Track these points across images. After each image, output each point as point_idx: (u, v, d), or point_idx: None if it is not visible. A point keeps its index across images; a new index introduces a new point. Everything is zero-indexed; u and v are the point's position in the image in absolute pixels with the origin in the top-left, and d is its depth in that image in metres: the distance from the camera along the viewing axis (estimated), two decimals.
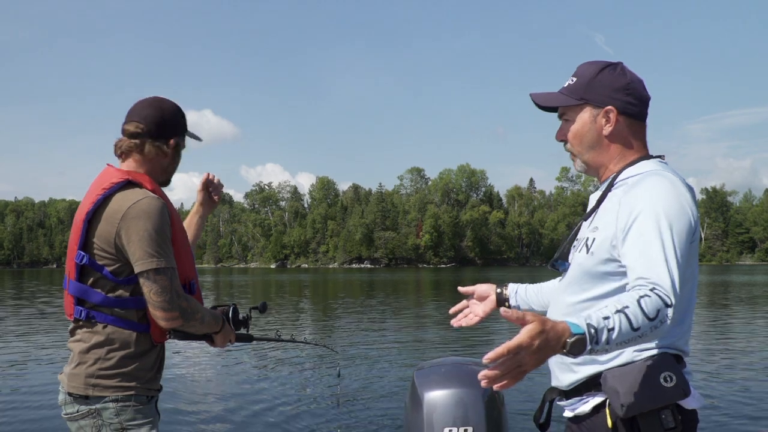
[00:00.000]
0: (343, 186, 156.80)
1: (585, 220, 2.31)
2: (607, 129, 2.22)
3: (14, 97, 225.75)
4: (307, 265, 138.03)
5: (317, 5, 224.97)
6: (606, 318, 1.76)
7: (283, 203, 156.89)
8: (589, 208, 2.36)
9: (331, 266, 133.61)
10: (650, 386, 1.99)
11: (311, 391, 9.36)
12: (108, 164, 2.76)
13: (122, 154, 2.74)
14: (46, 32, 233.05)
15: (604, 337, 1.73)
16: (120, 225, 2.51)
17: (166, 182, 2.87)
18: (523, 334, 1.63)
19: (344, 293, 36.46)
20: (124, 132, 2.73)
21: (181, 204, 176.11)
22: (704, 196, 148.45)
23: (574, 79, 2.28)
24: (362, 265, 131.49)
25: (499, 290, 2.84)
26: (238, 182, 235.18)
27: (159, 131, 2.73)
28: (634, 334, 1.78)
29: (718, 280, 51.24)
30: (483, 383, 1.66)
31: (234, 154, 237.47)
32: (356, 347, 13.97)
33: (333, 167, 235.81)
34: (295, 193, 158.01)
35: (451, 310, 2.90)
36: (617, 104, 2.21)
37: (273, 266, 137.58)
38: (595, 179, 2.43)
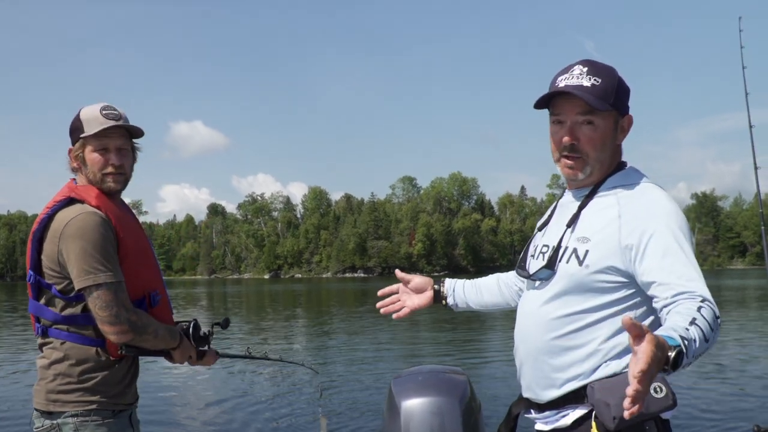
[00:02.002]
0: (335, 196, 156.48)
1: (569, 227, 2.21)
2: (621, 138, 2.21)
3: (5, 108, 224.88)
4: (300, 275, 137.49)
5: (306, 15, 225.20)
6: (687, 329, 1.69)
7: (275, 214, 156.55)
8: (556, 215, 2.32)
9: (324, 276, 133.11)
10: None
11: (290, 402, 9.40)
12: (71, 178, 2.79)
13: None
14: (39, 43, 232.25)
15: (692, 349, 1.65)
16: (59, 244, 2.52)
17: (113, 188, 2.73)
18: (650, 345, 1.51)
19: (335, 303, 36.43)
20: None
21: (174, 216, 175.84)
22: (694, 201, 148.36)
23: (599, 80, 2.13)
24: (356, 275, 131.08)
25: (436, 286, 2.79)
26: (230, 193, 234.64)
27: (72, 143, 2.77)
28: (705, 346, 1.72)
29: (712, 284, 51.27)
30: (629, 411, 1.52)
31: (225, 164, 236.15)
32: (337, 357, 14.03)
33: (324, 177, 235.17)
34: (288, 203, 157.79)
35: (380, 292, 2.81)
36: (628, 111, 2.21)
37: (266, 277, 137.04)
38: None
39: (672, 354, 1.58)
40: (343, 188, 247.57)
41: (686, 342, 1.63)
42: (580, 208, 2.19)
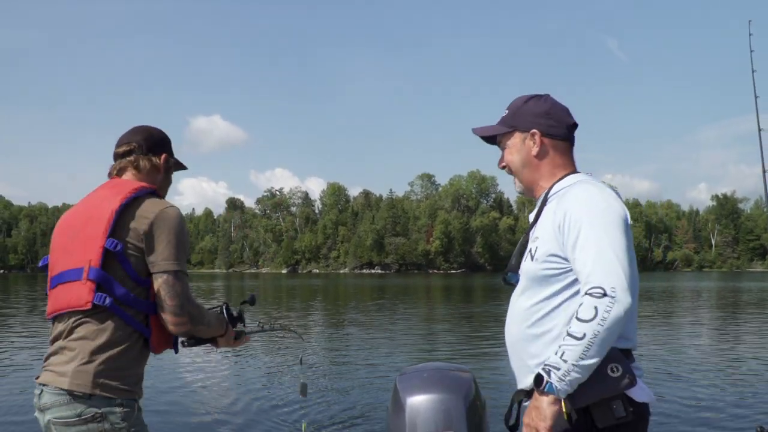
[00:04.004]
0: (353, 192, 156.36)
1: (527, 234, 2.56)
2: (534, 150, 2.53)
3: (24, 101, 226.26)
4: (317, 271, 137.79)
5: (327, 9, 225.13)
6: (560, 347, 2.11)
7: (294, 209, 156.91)
8: (530, 224, 2.59)
9: (341, 271, 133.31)
10: (597, 377, 2.14)
11: (285, 393, 9.44)
12: (115, 176, 2.81)
13: (119, 171, 2.80)
14: (56, 35, 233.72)
15: (560, 363, 2.09)
16: (151, 226, 2.53)
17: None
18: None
19: (351, 298, 36.54)
20: (116, 156, 2.82)
21: (192, 209, 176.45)
22: (714, 203, 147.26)
23: (507, 111, 2.61)
24: (373, 271, 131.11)
25: None
26: (248, 187, 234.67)
27: (149, 147, 2.82)
28: (585, 342, 2.06)
29: (730, 286, 50.99)
30: None
31: (243, 159, 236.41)
32: (345, 350, 14.20)
33: (342, 172, 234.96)
34: (306, 198, 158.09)
35: None
36: (540, 127, 2.52)
37: (284, 271, 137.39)
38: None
39: (534, 382, 2.19)
40: (362, 184, 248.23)
41: (547, 366, 2.13)
42: (537, 214, 2.52)
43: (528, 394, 2.39)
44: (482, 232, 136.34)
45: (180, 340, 2.79)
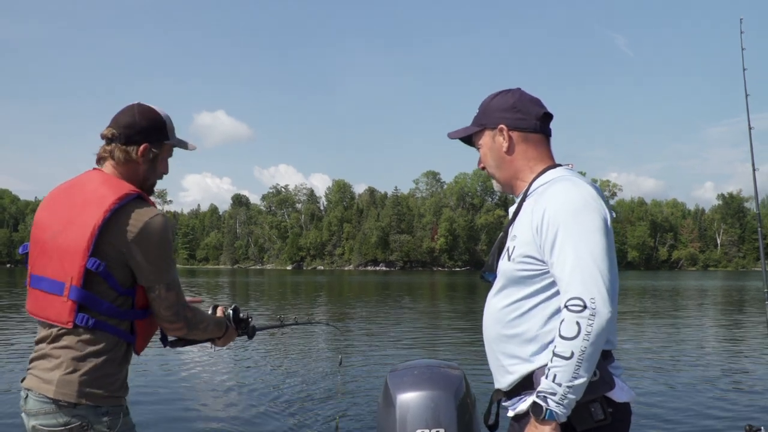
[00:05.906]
0: (358, 189, 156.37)
1: (505, 232, 2.46)
2: (504, 145, 2.47)
3: (30, 95, 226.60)
4: (322, 267, 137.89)
5: (333, 5, 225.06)
6: (549, 369, 2.05)
7: (299, 206, 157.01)
8: (509, 221, 2.52)
9: (346, 268, 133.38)
10: None
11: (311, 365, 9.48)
12: (95, 168, 2.69)
13: (99, 159, 2.68)
14: (60, 27, 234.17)
15: (555, 388, 2.04)
16: (136, 241, 2.45)
17: (146, 192, 2.71)
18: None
19: (354, 295, 36.57)
20: (102, 137, 2.68)
21: (198, 205, 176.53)
22: (720, 202, 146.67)
23: (477, 111, 2.57)
24: (377, 268, 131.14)
25: None
26: (252, 183, 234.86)
27: (128, 136, 2.61)
28: (574, 361, 2.02)
29: (735, 286, 50.88)
30: None
31: (247, 155, 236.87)
32: (342, 345, 14.20)
33: (347, 169, 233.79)
34: (312, 195, 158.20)
35: None
36: (507, 122, 2.47)
37: (289, 268, 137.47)
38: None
39: (532, 411, 2.11)
40: (366, 180, 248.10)
41: (543, 393, 2.07)
42: (516, 213, 2.44)
43: (504, 393, 2.39)
44: (487, 230, 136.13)
45: (169, 339, 2.79)
